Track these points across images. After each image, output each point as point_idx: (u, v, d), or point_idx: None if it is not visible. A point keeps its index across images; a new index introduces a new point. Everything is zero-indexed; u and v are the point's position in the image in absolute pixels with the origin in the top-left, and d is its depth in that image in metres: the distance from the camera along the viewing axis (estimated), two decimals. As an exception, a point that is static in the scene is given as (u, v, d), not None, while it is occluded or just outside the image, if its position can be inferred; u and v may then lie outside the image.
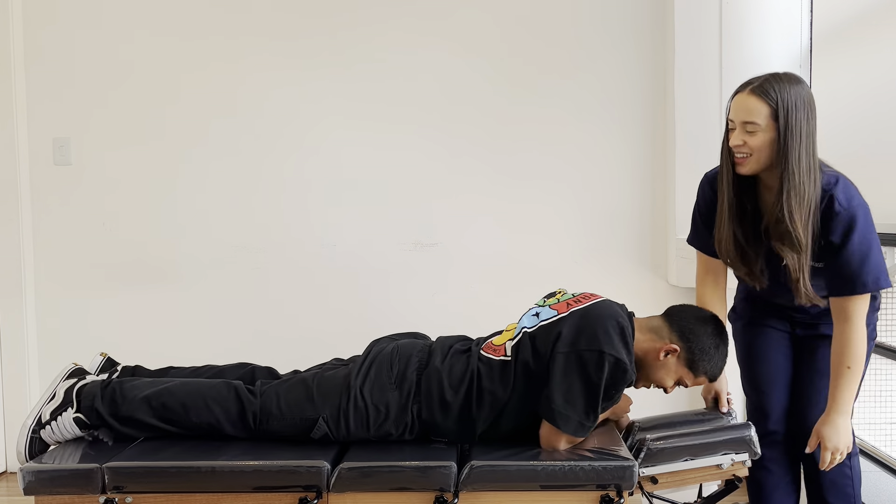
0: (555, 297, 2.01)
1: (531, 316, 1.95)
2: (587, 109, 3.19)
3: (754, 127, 1.79)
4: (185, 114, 3.18)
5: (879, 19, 2.52)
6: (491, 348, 1.97)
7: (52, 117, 3.19)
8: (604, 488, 1.76)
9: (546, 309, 1.95)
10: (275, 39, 3.17)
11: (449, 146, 3.18)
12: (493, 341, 2.00)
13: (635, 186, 3.21)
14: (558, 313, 1.90)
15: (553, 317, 1.90)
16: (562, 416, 1.78)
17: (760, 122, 1.79)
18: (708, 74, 3.02)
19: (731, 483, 1.96)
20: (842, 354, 1.83)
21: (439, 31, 3.16)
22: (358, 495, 1.76)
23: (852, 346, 1.82)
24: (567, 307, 1.91)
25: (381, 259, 3.20)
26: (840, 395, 1.85)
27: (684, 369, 1.91)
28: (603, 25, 3.17)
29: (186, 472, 1.74)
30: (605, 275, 3.22)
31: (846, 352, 1.82)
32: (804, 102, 1.80)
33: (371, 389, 1.88)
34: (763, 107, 1.78)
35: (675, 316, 1.96)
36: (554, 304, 1.95)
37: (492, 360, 1.92)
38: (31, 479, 1.72)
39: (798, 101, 1.79)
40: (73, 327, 3.23)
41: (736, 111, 1.83)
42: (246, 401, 1.88)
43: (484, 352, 1.96)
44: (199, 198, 3.20)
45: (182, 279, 3.21)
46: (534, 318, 1.93)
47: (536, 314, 1.94)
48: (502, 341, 1.97)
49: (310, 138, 3.19)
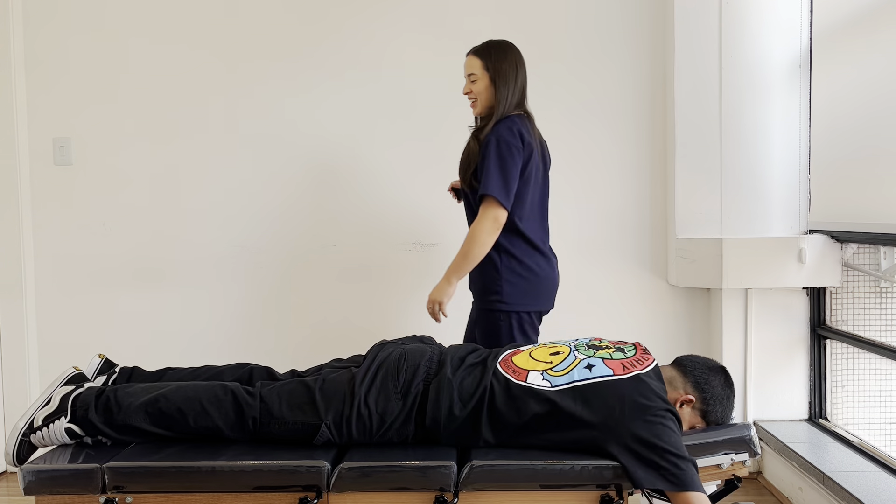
0: (605, 351, 1.95)
1: (583, 368, 1.88)
2: (587, 110, 3.19)
3: (474, 77, 2.40)
4: (186, 114, 3.18)
5: (880, 18, 2.52)
6: (511, 368, 1.91)
7: (52, 117, 3.19)
8: (604, 488, 1.76)
9: (600, 364, 1.89)
10: (274, 41, 3.17)
11: (449, 146, 3.17)
12: (514, 360, 1.94)
13: (635, 187, 3.21)
14: (614, 373, 1.86)
15: (608, 376, 1.86)
16: (688, 476, 1.72)
17: (477, 72, 2.39)
18: (708, 75, 3.02)
19: (731, 483, 1.96)
20: (465, 240, 2.34)
21: (438, 33, 3.16)
22: (358, 495, 1.76)
23: (471, 236, 2.31)
24: (624, 369, 1.87)
25: (381, 259, 3.20)
26: (450, 266, 2.35)
27: (697, 417, 1.98)
28: (603, 26, 3.17)
29: (187, 471, 1.74)
30: (604, 275, 3.22)
31: (467, 239, 2.33)
32: (510, 59, 2.39)
33: (376, 398, 1.85)
34: (477, 61, 2.40)
35: (688, 366, 2.01)
36: (607, 359, 1.90)
37: (510, 381, 1.87)
38: (32, 478, 1.72)
39: (503, 56, 2.38)
40: (73, 327, 3.23)
41: (464, 69, 2.43)
42: (245, 404, 1.86)
43: (502, 369, 1.91)
44: (200, 198, 3.20)
45: (182, 279, 3.21)
46: (585, 371, 1.86)
47: (589, 366, 1.88)
48: (527, 366, 1.91)
49: (309, 138, 3.19)
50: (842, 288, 2.93)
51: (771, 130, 3.01)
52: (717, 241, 2.95)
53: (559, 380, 1.86)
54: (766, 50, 3.00)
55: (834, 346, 2.99)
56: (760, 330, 3.04)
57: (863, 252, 2.88)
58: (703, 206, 3.06)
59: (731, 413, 2.02)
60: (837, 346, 2.98)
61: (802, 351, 3.05)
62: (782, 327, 3.05)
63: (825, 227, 2.89)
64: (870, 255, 2.87)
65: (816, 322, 3.02)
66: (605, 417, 1.79)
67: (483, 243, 2.30)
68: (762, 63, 3.00)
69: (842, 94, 2.77)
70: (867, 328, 2.88)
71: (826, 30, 2.88)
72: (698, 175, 3.07)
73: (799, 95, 2.99)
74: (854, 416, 2.94)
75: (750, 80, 3.01)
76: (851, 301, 2.93)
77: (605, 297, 3.22)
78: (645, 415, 1.77)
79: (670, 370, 2.02)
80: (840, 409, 2.98)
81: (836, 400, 2.99)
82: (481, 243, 2.29)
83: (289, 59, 3.17)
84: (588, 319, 3.21)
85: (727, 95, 3.02)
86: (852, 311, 2.93)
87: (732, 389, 2.02)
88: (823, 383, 3.01)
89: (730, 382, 2.02)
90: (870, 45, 2.56)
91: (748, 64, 3.01)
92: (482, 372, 1.92)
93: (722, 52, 3.01)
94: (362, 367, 1.93)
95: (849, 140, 2.71)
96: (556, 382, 1.85)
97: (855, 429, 2.90)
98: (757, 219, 3.03)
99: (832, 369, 3.00)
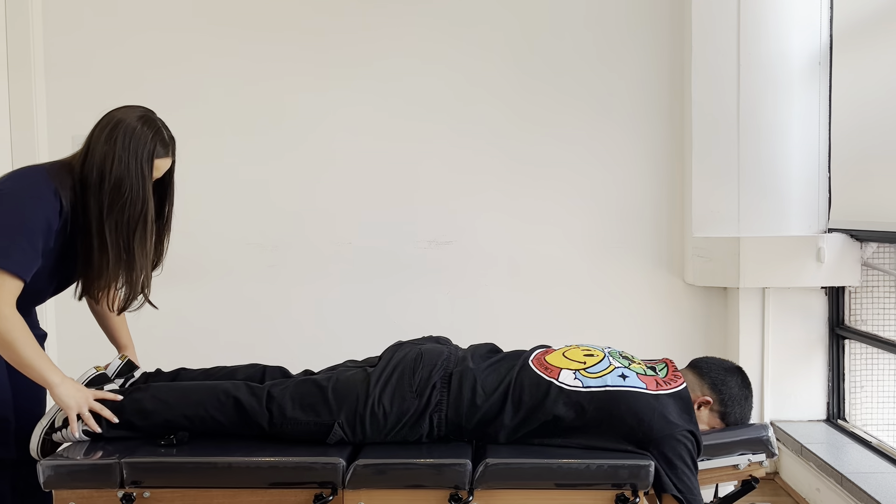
0: (638, 365, 1.94)
1: (616, 376, 1.87)
2: (604, 108, 3.17)
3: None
4: (201, 113, 3.20)
5: (901, 15, 2.49)
6: (543, 365, 1.91)
7: (71, 115, 3.21)
8: (619, 487, 1.75)
9: (634, 377, 1.88)
10: (293, 41, 3.18)
11: (465, 144, 3.17)
12: (546, 358, 1.94)
13: (651, 185, 3.19)
14: (646, 387, 1.85)
15: (641, 388, 1.85)
16: (694, 497, 1.76)
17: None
18: (725, 72, 3.00)
19: (748, 483, 1.94)
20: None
21: (458, 30, 3.16)
22: (373, 492, 1.76)
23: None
24: (657, 386, 1.87)
25: (396, 257, 3.21)
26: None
27: (716, 419, 1.99)
28: (620, 23, 3.15)
29: (203, 467, 1.75)
30: (621, 273, 3.20)
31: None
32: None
33: (392, 397, 1.84)
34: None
35: (704, 368, 2.02)
36: (641, 374, 1.89)
37: (541, 377, 1.87)
38: (50, 473, 1.74)
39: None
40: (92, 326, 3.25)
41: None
42: (250, 410, 1.84)
43: (534, 365, 1.91)
44: (214, 196, 3.21)
45: (196, 277, 3.22)
46: (619, 379, 1.86)
47: (623, 375, 1.88)
48: (559, 364, 1.91)
49: (324, 136, 3.20)
50: (861, 287, 2.90)
51: (789, 128, 2.98)
52: (734, 239, 2.93)
53: (591, 381, 1.86)
54: (785, 47, 2.97)
55: (853, 346, 2.96)
56: (778, 329, 3.02)
57: (883, 251, 2.85)
58: (721, 205, 3.03)
59: (749, 413, 2.02)
60: (856, 346, 2.95)
61: (821, 351, 3.02)
62: (800, 327, 3.02)
63: (845, 226, 2.86)
64: (890, 254, 2.84)
65: (835, 322, 2.99)
66: (630, 428, 1.80)
67: None
68: (781, 60, 2.97)
69: (864, 91, 2.74)
70: (887, 328, 2.85)
71: (847, 26, 2.84)
72: (715, 173, 3.04)
73: (819, 92, 2.96)
74: (873, 416, 2.92)
75: (768, 77, 2.98)
76: (871, 301, 2.90)
77: (621, 295, 3.21)
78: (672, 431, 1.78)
79: (687, 373, 2.02)
80: (858, 409, 2.95)
81: (855, 400, 2.96)
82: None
83: (308, 58, 3.18)
84: (604, 318, 3.20)
85: (745, 93, 3.00)
86: (872, 311, 2.90)
87: (750, 390, 2.01)
88: (842, 383, 2.99)
89: (747, 383, 2.02)
90: (893, 42, 2.53)
91: (766, 61, 2.98)
92: (509, 366, 1.92)
93: (740, 48, 2.98)
94: (378, 367, 1.92)
95: (870, 138, 2.68)
96: (587, 383, 1.85)
97: (874, 429, 2.87)
98: (775, 217, 3.00)
99: (851, 369, 2.97)
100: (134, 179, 1.77)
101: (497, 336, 2.44)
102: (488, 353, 2.03)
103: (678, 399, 1.86)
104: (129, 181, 1.77)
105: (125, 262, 1.83)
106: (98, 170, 1.77)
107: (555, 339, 2.50)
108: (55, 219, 1.75)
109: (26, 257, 1.70)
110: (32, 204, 1.72)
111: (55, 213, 1.75)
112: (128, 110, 1.85)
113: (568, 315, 3.21)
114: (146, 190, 1.80)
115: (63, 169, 1.81)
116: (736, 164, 3.01)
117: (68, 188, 1.78)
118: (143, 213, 1.80)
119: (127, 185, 1.77)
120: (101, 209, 1.77)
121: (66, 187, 1.77)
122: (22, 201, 1.72)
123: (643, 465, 1.75)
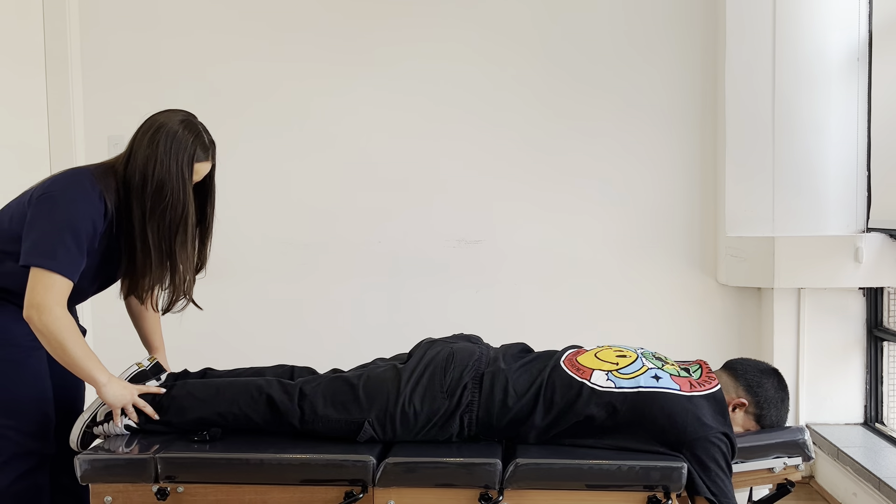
0: (671, 366, 1.92)
1: (650, 377, 1.85)
2: (635, 106, 3.14)
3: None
4: (235, 110, 3.23)
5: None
6: (575, 366, 1.90)
7: (107, 115, 3.27)
8: (651, 489, 1.73)
9: (667, 378, 1.86)
10: (324, 38, 3.20)
11: (495, 143, 3.16)
12: (579, 359, 1.92)
13: (684, 183, 3.15)
14: (680, 388, 1.83)
15: (675, 390, 1.83)
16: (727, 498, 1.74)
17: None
18: (760, 68, 2.95)
19: (784, 487, 1.91)
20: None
21: (487, 27, 3.15)
22: (403, 490, 1.76)
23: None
24: (691, 387, 1.85)
25: (425, 256, 3.21)
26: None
27: (751, 421, 1.96)
28: (653, 20, 3.12)
29: (236, 463, 1.77)
30: (653, 273, 3.17)
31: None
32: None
33: (423, 396, 1.84)
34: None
35: (739, 369, 1.99)
36: (674, 375, 1.87)
37: (573, 378, 1.86)
38: (87, 467, 1.77)
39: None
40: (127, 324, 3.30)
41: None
42: (282, 407, 1.86)
43: (565, 366, 1.90)
44: (246, 193, 3.24)
45: (229, 275, 3.25)
46: (652, 380, 1.84)
47: (656, 377, 1.86)
48: (591, 365, 1.90)
49: (355, 135, 3.21)
50: (901, 288, 2.84)
51: (827, 125, 2.92)
52: (769, 239, 2.89)
53: (624, 382, 1.84)
54: (822, 42, 2.91)
55: (891, 349, 2.90)
56: (814, 331, 2.97)
57: (924, 251, 2.79)
58: (755, 204, 2.98)
59: (786, 416, 1.98)
60: (895, 348, 2.89)
61: (858, 353, 2.96)
62: (837, 328, 2.96)
63: (884, 226, 2.80)
64: (931, 254, 2.77)
65: (873, 323, 2.93)
66: (663, 429, 1.78)
67: None
68: (818, 56, 2.92)
69: (903, 87, 2.68)
70: (928, 330, 2.79)
71: (887, 21, 2.78)
72: (750, 171, 2.99)
73: (857, 89, 2.90)
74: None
75: (805, 73, 2.92)
76: (911, 302, 2.84)
77: (653, 295, 3.18)
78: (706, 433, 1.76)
79: (721, 374, 1.99)
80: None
81: (893, 404, 2.90)
82: None
83: (338, 56, 3.19)
84: (636, 318, 3.17)
85: (780, 89, 2.94)
86: (912, 313, 2.84)
87: (786, 392, 1.98)
88: (880, 386, 2.93)
89: (783, 385, 1.98)
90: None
91: (803, 57, 2.92)
92: (541, 367, 1.91)
93: (776, 44, 2.93)
94: (409, 365, 1.92)
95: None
96: (620, 384, 1.83)
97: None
98: (811, 216, 2.94)
99: (889, 372, 2.91)
100: (175, 182, 1.80)
101: (527, 335, 2.43)
102: (520, 353, 2.02)
103: (712, 401, 1.84)
104: (170, 184, 1.80)
105: (168, 264, 1.86)
106: (140, 173, 1.80)
107: (586, 340, 2.48)
108: (100, 221, 1.79)
109: (72, 258, 1.74)
110: (79, 206, 1.76)
111: (100, 216, 1.79)
112: (170, 114, 1.88)
113: (599, 315, 3.18)
114: (187, 193, 1.83)
115: (107, 171, 1.84)
116: (771, 162, 2.96)
117: (112, 191, 1.82)
118: (183, 216, 1.83)
119: (168, 188, 1.80)
120: (143, 212, 1.81)
121: (110, 190, 1.81)
122: (68, 203, 1.76)
123: (676, 467, 1.73)
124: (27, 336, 1.78)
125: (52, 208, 1.75)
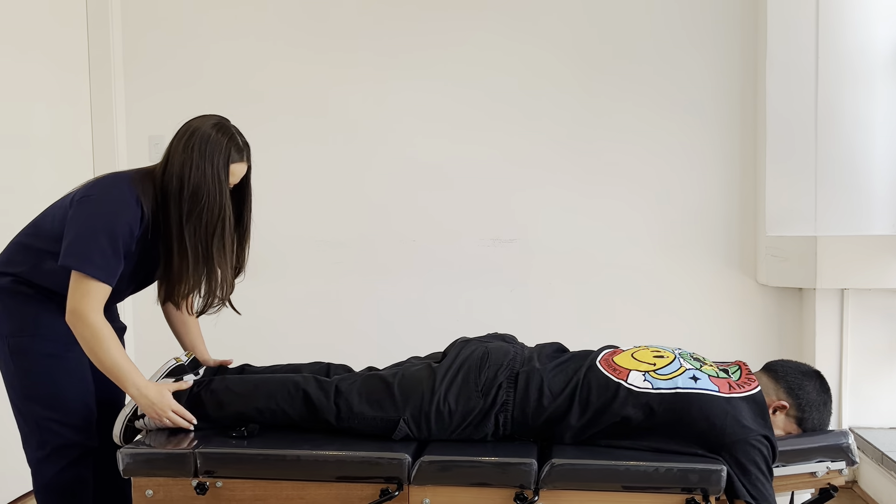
0: (710, 367, 1.89)
1: (688, 378, 1.83)
2: (672, 103, 3.10)
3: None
4: (271, 111, 3.26)
5: None
6: (611, 367, 1.88)
7: (148, 115, 3.33)
8: (689, 492, 1.71)
9: (706, 379, 1.83)
10: (357, 38, 3.21)
11: (529, 142, 3.15)
12: (615, 359, 1.90)
13: (722, 182, 3.10)
14: (719, 390, 1.81)
15: (713, 391, 1.80)
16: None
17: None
18: (803, 64, 2.89)
19: (826, 492, 1.87)
20: None
21: (522, 25, 3.14)
22: (438, 489, 1.76)
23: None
24: (730, 389, 1.82)
25: (460, 254, 3.21)
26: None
27: (792, 424, 1.92)
28: (691, 16, 3.07)
29: (273, 459, 1.79)
30: (691, 272, 3.13)
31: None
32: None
33: (457, 395, 1.84)
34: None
35: (780, 371, 1.96)
36: (713, 376, 1.85)
37: (609, 379, 1.84)
38: (129, 460, 1.81)
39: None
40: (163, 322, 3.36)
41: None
42: (318, 404, 1.87)
43: (602, 367, 1.88)
44: (282, 193, 3.28)
45: (264, 274, 3.29)
46: (690, 381, 1.82)
47: (694, 378, 1.83)
48: (628, 366, 1.88)
49: (390, 134, 3.22)
50: (949, 289, 2.76)
51: (872, 122, 2.85)
52: (811, 238, 2.83)
53: (662, 383, 1.81)
54: (867, 37, 2.84)
55: (939, 351, 2.82)
56: (857, 332, 2.90)
57: (974, 251, 2.70)
58: (796, 202, 2.93)
59: (828, 419, 1.94)
60: (943, 351, 2.81)
61: (904, 355, 2.89)
62: (881, 330, 2.89)
63: (931, 225, 2.73)
64: (982, 254, 2.69)
65: (920, 325, 2.85)
66: (702, 431, 1.75)
67: None
68: (862, 51, 2.85)
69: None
70: (977, 333, 2.70)
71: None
72: (791, 169, 2.94)
73: (904, 84, 2.83)
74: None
75: (849, 69, 2.85)
76: (960, 303, 2.75)
77: (691, 295, 3.13)
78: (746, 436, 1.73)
79: (761, 376, 1.96)
80: (945, 418, 2.81)
81: (941, 408, 2.82)
82: None
83: (371, 54, 3.21)
84: (673, 318, 3.13)
85: (823, 85, 2.88)
86: (961, 315, 2.75)
87: (829, 395, 1.94)
88: (927, 390, 2.85)
89: (826, 387, 1.94)
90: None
91: (847, 52, 2.86)
92: (577, 367, 1.90)
93: (819, 39, 2.87)
94: (444, 363, 1.92)
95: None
96: (657, 385, 1.81)
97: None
98: (855, 216, 2.88)
99: (937, 376, 2.83)
100: (211, 185, 1.83)
101: (562, 335, 2.42)
102: (555, 352, 2.01)
103: (752, 403, 1.80)
104: (206, 187, 1.82)
105: (205, 267, 1.88)
106: (177, 178, 1.83)
107: (622, 339, 2.47)
108: (137, 225, 1.82)
109: (109, 263, 1.78)
110: (116, 211, 1.79)
111: (137, 220, 1.82)
112: (203, 119, 1.91)
113: (635, 315, 3.15)
114: (223, 195, 1.85)
115: (146, 177, 1.88)
116: (813, 159, 2.90)
117: (150, 196, 1.85)
118: (220, 219, 1.85)
119: (204, 191, 1.82)
120: (180, 216, 1.83)
121: (147, 195, 1.84)
122: (107, 208, 1.80)
123: (715, 470, 1.70)
124: (68, 332, 1.82)
125: (91, 212, 1.79)
